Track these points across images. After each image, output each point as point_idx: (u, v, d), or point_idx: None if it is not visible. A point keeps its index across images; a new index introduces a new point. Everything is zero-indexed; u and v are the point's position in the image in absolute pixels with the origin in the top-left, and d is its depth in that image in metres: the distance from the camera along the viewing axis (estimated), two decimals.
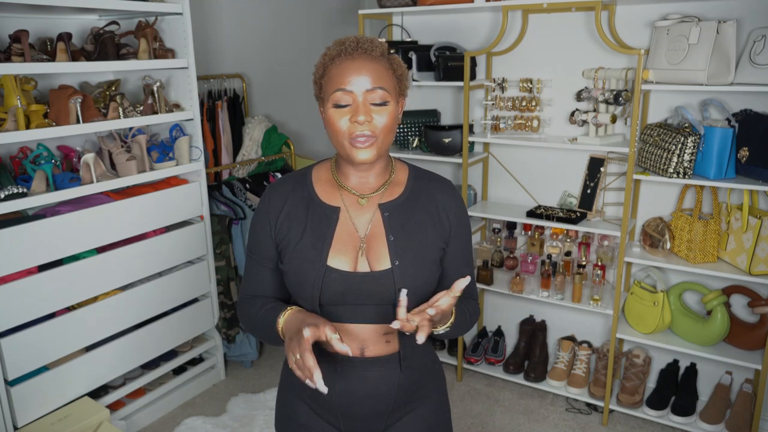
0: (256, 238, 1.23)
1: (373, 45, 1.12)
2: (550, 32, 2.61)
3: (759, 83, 2.06)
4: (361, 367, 1.18)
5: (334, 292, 1.14)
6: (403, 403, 1.24)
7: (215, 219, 2.83)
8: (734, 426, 2.34)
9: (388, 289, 1.14)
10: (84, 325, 2.26)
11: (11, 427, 2.07)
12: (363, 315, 1.16)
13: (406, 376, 1.21)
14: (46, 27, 2.40)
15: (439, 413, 1.31)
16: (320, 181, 1.22)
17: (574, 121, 2.53)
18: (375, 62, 1.11)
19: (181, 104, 2.63)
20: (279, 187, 1.23)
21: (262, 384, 2.88)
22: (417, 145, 2.85)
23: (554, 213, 2.57)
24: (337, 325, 1.17)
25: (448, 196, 1.23)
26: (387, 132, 1.12)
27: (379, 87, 1.09)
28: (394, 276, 1.14)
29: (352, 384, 1.19)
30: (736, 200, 2.35)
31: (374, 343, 1.17)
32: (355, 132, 1.09)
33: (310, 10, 3.94)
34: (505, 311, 3.03)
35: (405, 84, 1.18)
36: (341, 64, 1.10)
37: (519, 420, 2.60)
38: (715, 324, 2.32)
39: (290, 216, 1.19)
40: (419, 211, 1.20)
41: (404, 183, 1.22)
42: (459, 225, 1.23)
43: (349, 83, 1.09)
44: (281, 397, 1.33)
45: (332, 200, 1.20)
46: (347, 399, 1.20)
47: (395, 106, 1.13)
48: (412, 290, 1.14)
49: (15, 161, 2.23)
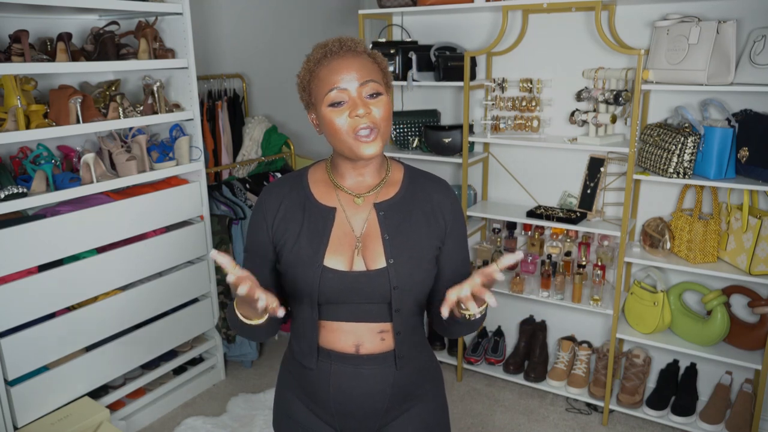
0: (253, 239, 1.24)
1: (355, 42, 1.15)
2: (550, 32, 2.61)
3: (759, 83, 2.06)
4: (355, 364, 1.19)
5: (332, 292, 1.15)
6: (399, 401, 1.24)
7: (215, 219, 2.83)
8: (734, 426, 2.34)
9: (384, 288, 1.15)
10: (84, 325, 2.26)
11: (11, 427, 2.07)
12: (359, 313, 1.17)
13: (402, 374, 1.22)
14: (46, 27, 2.40)
15: (436, 413, 1.31)
16: (316, 182, 1.23)
17: (574, 121, 2.53)
18: (360, 58, 1.13)
19: (181, 104, 2.63)
20: (275, 189, 1.24)
21: (262, 384, 2.88)
22: (417, 145, 2.85)
23: (554, 213, 2.57)
24: (333, 323, 1.19)
25: (444, 195, 1.24)
26: (386, 122, 1.13)
27: (371, 80, 1.11)
28: (389, 274, 1.15)
29: (347, 381, 1.20)
30: (736, 200, 2.35)
31: (369, 340, 1.19)
32: (357, 126, 1.09)
33: (310, 10, 3.94)
34: (505, 311, 3.03)
35: (389, 77, 1.20)
36: (329, 65, 1.12)
37: (519, 420, 2.60)
38: (715, 324, 2.32)
39: (287, 217, 1.20)
40: (414, 210, 1.21)
41: (399, 182, 1.23)
42: (454, 223, 1.23)
43: (341, 81, 1.10)
44: (278, 395, 1.34)
45: (328, 200, 1.20)
46: (342, 396, 1.21)
47: (388, 97, 1.15)
48: (408, 288, 1.16)
49: (15, 161, 2.23)
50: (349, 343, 1.18)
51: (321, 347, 1.21)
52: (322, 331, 1.21)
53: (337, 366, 1.19)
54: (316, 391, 1.23)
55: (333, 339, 1.19)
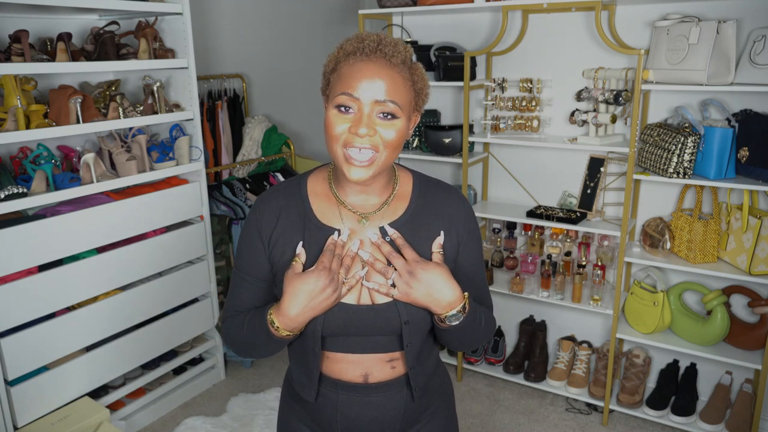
0: (246, 256, 1.12)
1: (395, 50, 1.00)
2: (550, 32, 2.61)
3: (759, 83, 2.06)
4: (365, 393, 1.11)
5: (337, 326, 1.06)
6: (411, 423, 1.18)
7: (215, 219, 2.83)
8: (734, 426, 2.34)
9: (394, 322, 1.06)
10: (84, 325, 2.26)
11: (11, 427, 2.07)
12: (366, 345, 1.09)
13: (413, 399, 1.15)
14: (46, 27, 2.40)
15: (447, 429, 1.27)
16: (316, 195, 1.11)
17: (574, 121, 2.53)
18: (393, 70, 0.99)
19: (181, 104, 2.63)
20: (271, 200, 1.11)
21: (262, 384, 2.88)
22: (417, 145, 2.86)
23: (554, 213, 2.57)
24: (339, 354, 1.10)
25: (457, 209, 1.13)
26: (391, 148, 1.00)
27: (391, 101, 0.97)
28: (398, 308, 1.06)
29: (356, 411, 1.12)
30: (736, 200, 2.35)
31: (379, 370, 1.11)
32: (352, 143, 0.98)
33: (310, 10, 3.94)
34: (505, 311, 3.03)
35: (423, 99, 1.06)
36: (355, 64, 0.99)
37: (519, 420, 2.60)
38: (715, 324, 2.32)
39: (285, 235, 1.09)
40: (425, 228, 1.10)
41: (408, 196, 1.12)
42: (469, 237, 1.14)
43: (357, 88, 0.97)
44: (282, 419, 1.27)
45: (331, 220, 1.09)
46: (351, 424, 1.13)
47: (405, 123, 1.01)
48: (420, 321, 1.08)
49: (15, 161, 2.23)
50: (356, 373, 1.10)
51: (325, 376, 1.12)
52: (326, 361, 1.12)
53: (344, 396, 1.11)
54: (322, 419, 1.16)
55: (339, 369, 1.11)
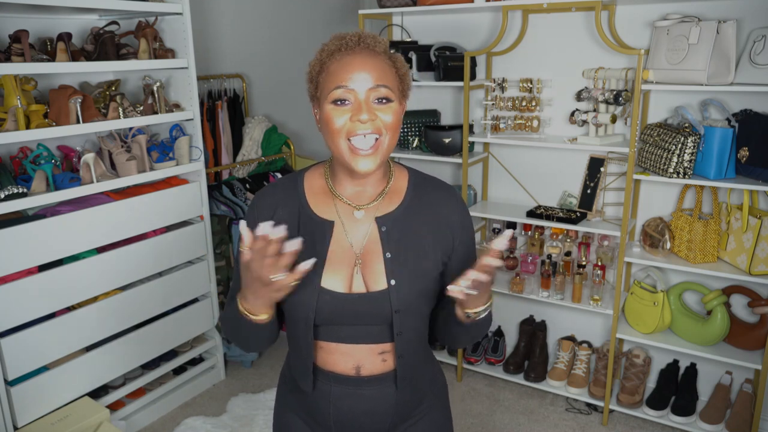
0: None
1: (375, 41, 1.07)
2: (550, 32, 2.61)
3: (759, 83, 2.06)
4: (357, 385, 1.14)
5: (329, 314, 1.09)
6: (403, 418, 1.20)
7: (215, 219, 2.83)
8: (734, 426, 2.34)
9: (385, 311, 1.09)
10: (84, 325, 2.26)
11: (11, 427, 2.07)
12: (359, 334, 1.11)
13: (405, 393, 1.17)
14: (46, 27, 2.40)
15: (442, 427, 1.27)
16: (312, 190, 1.15)
17: (574, 121, 2.53)
18: (378, 59, 1.05)
19: (181, 104, 2.63)
20: (268, 196, 1.15)
21: (262, 384, 2.88)
22: (417, 145, 2.86)
23: (554, 213, 2.57)
24: (331, 344, 1.13)
25: (452, 207, 1.16)
26: (392, 131, 1.05)
27: (383, 85, 1.03)
28: (390, 297, 1.08)
29: (348, 403, 1.15)
30: (736, 200, 2.35)
31: (370, 362, 1.13)
32: (355, 131, 1.02)
33: (310, 10, 3.95)
34: (505, 311, 3.03)
35: (407, 84, 1.11)
36: (342, 60, 1.04)
37: (519, 420, 2.60)
38: (715, 324, 2.32)
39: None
40: (419, 223, 1.13)
41: (403, 191, 1.15)
42: (462, 235, 1.16)
43: (350, 80, 1.02)
44: (277, 412, 1.29)
45: (326, 212, 1.13)
46: (344, 417, 1.16)
47: (399, 106, 1.07)
48: (411, 310, 1.10)
49: (15, 161, 2.23)
50: (348, 365, 1.13)
51: (319, 368, 1.15)
52: (319, 352, 1.15)
53: (337, 388, 1.14)
54: (315, 411, 1.18)
55: (331, 361, 1.14)
